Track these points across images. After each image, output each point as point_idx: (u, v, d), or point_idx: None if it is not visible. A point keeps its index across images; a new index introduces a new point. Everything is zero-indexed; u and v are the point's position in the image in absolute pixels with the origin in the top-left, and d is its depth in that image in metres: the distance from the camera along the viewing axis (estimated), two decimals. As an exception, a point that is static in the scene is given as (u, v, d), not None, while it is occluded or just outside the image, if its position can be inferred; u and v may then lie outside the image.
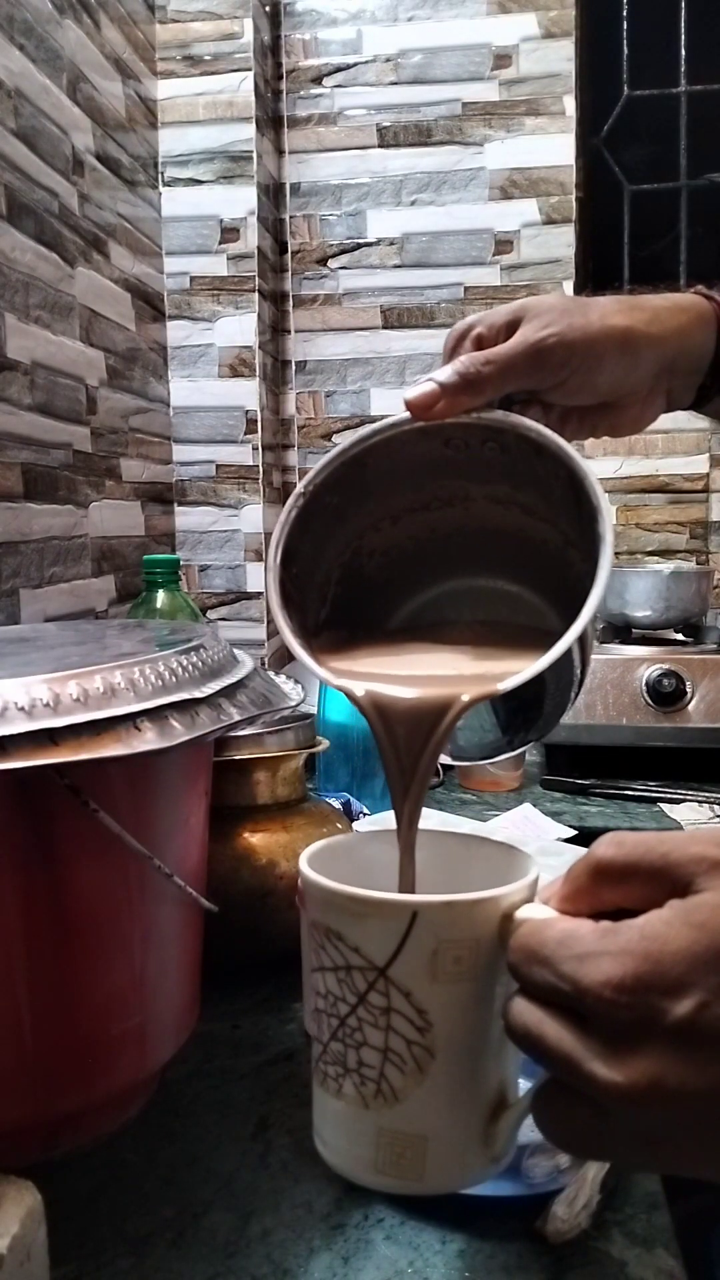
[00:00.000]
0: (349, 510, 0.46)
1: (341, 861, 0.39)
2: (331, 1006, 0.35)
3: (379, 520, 0.48)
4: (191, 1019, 0.58)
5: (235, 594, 1.69)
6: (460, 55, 1.73)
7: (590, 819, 1.12)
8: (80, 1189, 0.51)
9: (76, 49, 1.32)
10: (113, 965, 0.50)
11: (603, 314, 0.47)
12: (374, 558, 0.49)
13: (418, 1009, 0.34)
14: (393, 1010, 0.34)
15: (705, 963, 0.28)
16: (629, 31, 1.79)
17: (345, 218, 1.78)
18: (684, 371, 0.50)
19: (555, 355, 0.45)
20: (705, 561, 1.73)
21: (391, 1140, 0.34)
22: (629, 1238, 0.47)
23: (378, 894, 0.34)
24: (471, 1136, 0.35)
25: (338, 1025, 0.35)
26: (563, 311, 0.46)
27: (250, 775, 0.76)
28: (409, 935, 0.33)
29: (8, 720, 0.42)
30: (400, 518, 0.48)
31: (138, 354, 1.54)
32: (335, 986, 0.35)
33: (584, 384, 0.47)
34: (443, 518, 0.48)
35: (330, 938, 0.35)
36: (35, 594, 1.19)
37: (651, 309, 0.49)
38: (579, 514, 0.41)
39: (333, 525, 0.45)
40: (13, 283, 1.14)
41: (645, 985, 0.29)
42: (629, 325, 0.47)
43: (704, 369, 0.51)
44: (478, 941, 0.34)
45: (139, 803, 0.50)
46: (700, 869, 0.30)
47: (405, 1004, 0.34)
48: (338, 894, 0.35)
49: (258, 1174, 0.52)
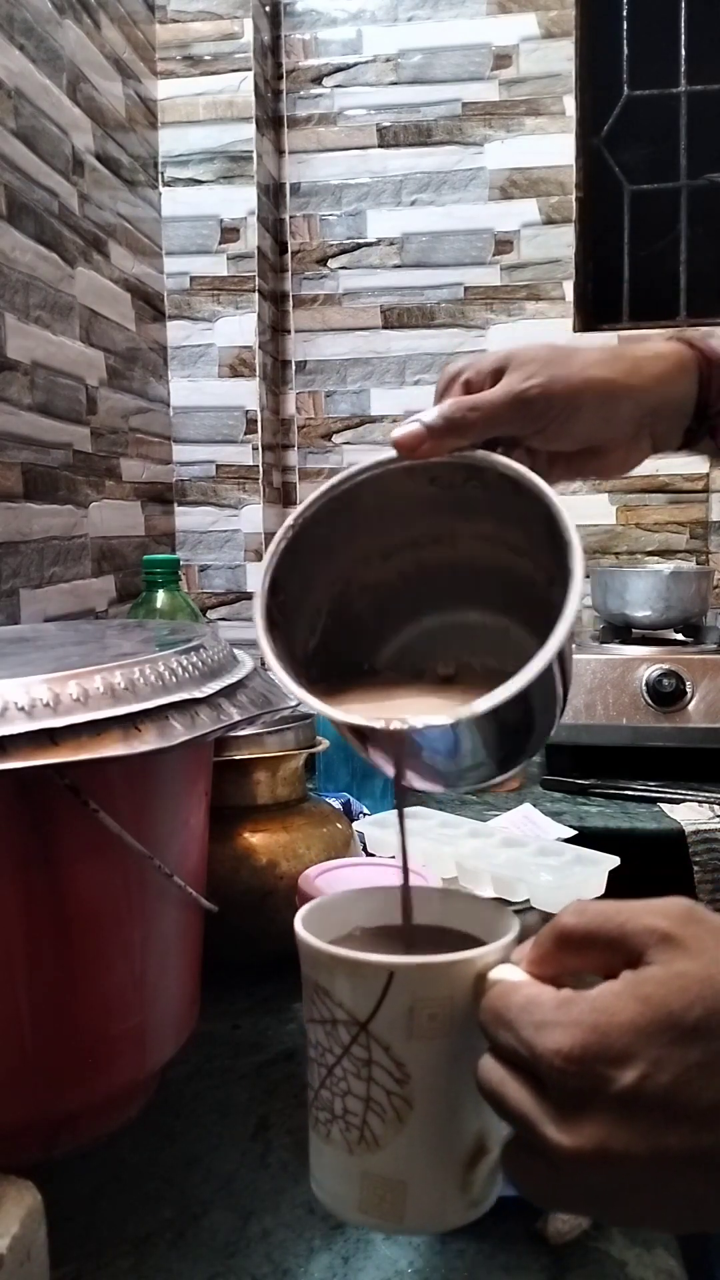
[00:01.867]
0: (337, 544, 0.48)
1: (339, 915, 0.43)
2: (321, 1056, 0.38)
3: (369, 555, 0.49)
4: (191, 1019, 0.58)
5: (235, 594, 1.69)
6: (460, 55, 1.73)
7: (590, 819, 1.12)
8: (80, 1189, 0.51)
9: (76, 49, 1.32)
10: (113, 965, 0.50)
11: (584, 365, 0.50)
12: (364, 593, 0.50)
13: (396, 1062, 0.36)
14: (373, 1062, 0.36)
15: (649, 1035, 0.30)
16: (629, 31, 1.79)
17: (345, 218, 1.78)
18: (667, 417, 0.53)
19: (536, 405, 0.48)
20: (705, 561, 1.73)
21: (374, 1184, 0.37)
22: (629, 1238, 0.47)
23: (357, 954, 0.36)
24: (449, 1183, 0.37)
25: (326, 1074, 0.38)
26: (546, 363, 0.49)
27: (250, 775, 0.76)
28: (386, 993, 0.36)
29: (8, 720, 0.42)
30: (391, 554, 0.50)
31: (138, 354, 1.54)
32: (323, 1038, 0.38)
33: (563, 431, 0.49)
34: (431, 555, 0.50)
35: (318, 992, 0.38)
36: (35, 594, 1.19)
37: (632, 359, 0.51)
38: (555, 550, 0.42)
39: (321, 558, 0.47)
40: (13, 283, 1.14)
41: (593, 1055, 0.30)
42: (609, 377, 0.50)
43: (689, 413, 0.53)
44: (452, 1000, 0.36)
45: (139, 803, 0.50)
46: (651, 940, 0.32)
47: (385, 1057, 0.36)
48: (322, 953, 0.37)
49: (258, 1174, 0.52)
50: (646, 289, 1.83)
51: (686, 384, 0.52)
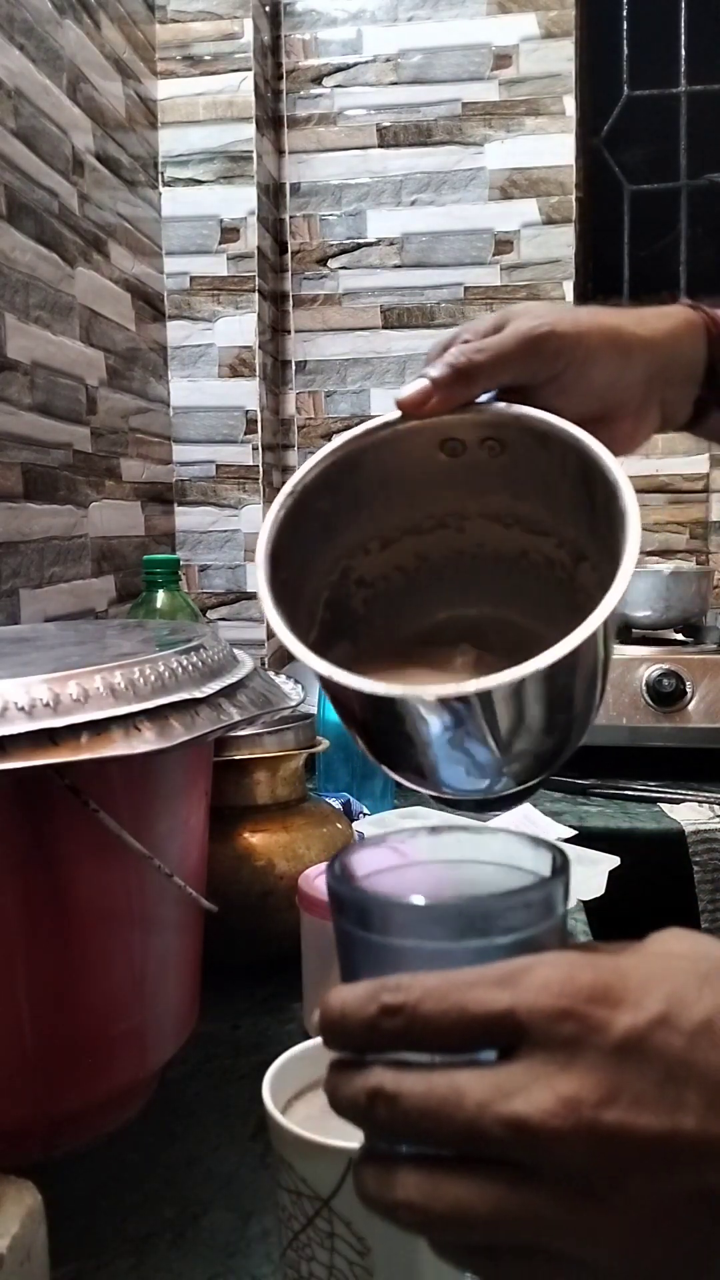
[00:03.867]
0: (338, 521, 0.43)
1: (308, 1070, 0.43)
2: (289, 1220, 0.39)
3: (368, 540, 0.45)
4: (191, 1019, 0.58)
5: (235, 594, 1.69)
6: (460, 55, 1.73)
7: (590, 819, 1.12)
8: (80, 1189, 0.51)
9: (76, 49, 1.32)
10: (113, 965, 0.50)
11: (591, 313, 0.46)
12: (361, 589, 0.46)
13: (357, 1236, 0.37)
14: (335, 1235, 0.38)
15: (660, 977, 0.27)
16: (629, 31, 1.79)
17: (345, 218, 1.78)
18: (677, 381, 0.49)
19: (549, 344, 0.43)
20: (705, 561, 1.73)
21: None
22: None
23: (319, 1139, 0.37)
24: None
25: (293, 1237, 0.39)
26: (549, 309, 0.45)
27: (250, 775, 0.76)
28: (347, 1176, 0.36)
29: (8, 720, 0.42)
30: (391, 541, 0.45)
31: (138, 354, 1.54)
32: (290, 1204, 0.39)
33: (579, 380, 0.44)
34: (436, 541, 0.45)
35: (284, 1164, 0.39)
36: (35, 594, 1.18)
37: (637, 314, 0.48)
38: (592, 507, 0.39)
39: (321, 535, 0.43)
40: (13, 283, 1.14)
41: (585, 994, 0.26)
42: (617, 324, 0.46)
43: (698, 379, 0.49)
44: None
45: (139, 803, 0.50)
46: None
47: (347, 1231, 0.37)
48: (286, 1131, 0.38)
49: (258, 1174, 0.52)
50: (646, 289, 1.82)
51: (694, 343, 0.48)
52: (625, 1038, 0.25)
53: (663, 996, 0.25)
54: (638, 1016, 0.25)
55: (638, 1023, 0.25)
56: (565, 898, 0.31)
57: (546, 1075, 0.25)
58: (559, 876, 0.31)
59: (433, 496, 0.44)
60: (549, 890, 0.30)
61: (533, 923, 0.30)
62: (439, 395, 0.41)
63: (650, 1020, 0.25)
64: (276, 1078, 0.42)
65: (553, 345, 0.43)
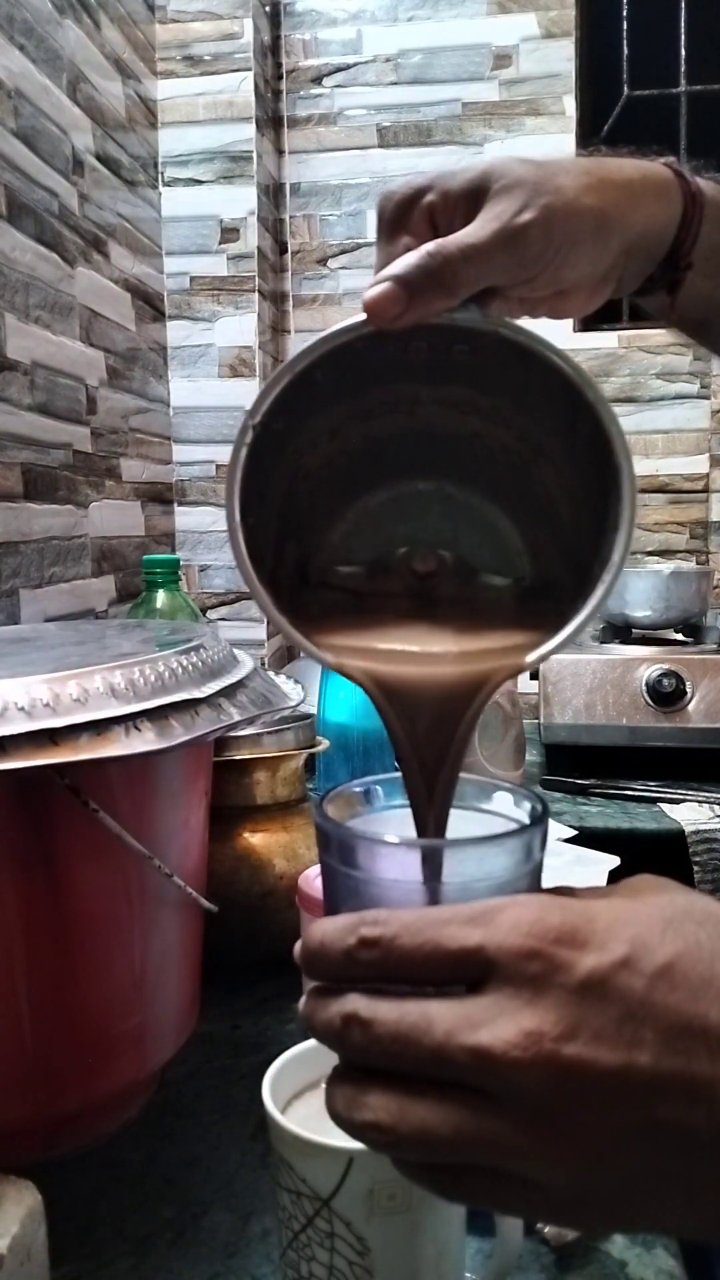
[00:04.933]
0: (291, 434, 0.39)
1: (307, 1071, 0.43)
2: (288, 1220, 0.40)
3: (317, 437, 0.41)
4: (191, 1019, 0.58)
5: (235, 594, 1.69)
6: (460, 55, 1.73)
7: (590, 819, 1.12)
8: (80, 1189, 0.51)
9: (76, 49, 1.32)
10: (113, 965, 0.50)
11: (576, 192, 0.40)
12: (306, 480, 0.41)
13: (357, 1236, 0.37)
14: (335, 1235, 0.38)
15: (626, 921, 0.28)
16: (629, 31, 1.79)
17: (345, 218, 1.78)
18: (640, 255, 0.44)
19: (533, 246, 0.38)
20: (705, 561, 1.73)
21: None
22: (629, 1238, 0.47)
23: (318, 1138, 0.37)
24: None
25: (293, 1237, 0.39)
26: (535, 188, 0.39)
27: (250, 775, 0.76)
28: (346, 1176, 0.37)
29: (8, 720, 0.42)
30: (339, 430, 0.41)
31: (138, 354, 1.54)
32: (290, 1204, 0.39)
33: (553, 278, 0.40)
34: (382, 426, 0.41)
35: (284, 1164, 0.39)
36: (35, 594, 1.18)
37: (625, 185, 0.42)
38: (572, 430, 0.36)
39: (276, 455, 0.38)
40: (13, 283, 1.14)
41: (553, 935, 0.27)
42: (601, 207, 0.40)
43: (659, 257, 0.45)
44: None
45: (139, 803, 0.50)
46: None
47: (346, 1231, 0.38)
48: (286, 1131, 0.38)
49: (258, 1174, 0.52)
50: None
51: (667, 221, 0.44)
52: (588, 978, 0.26)
53: (626, 940, 0.27)
54: (601, 958, 0.26)
55: (601, 964, 0.26)
56: (543, 845, 0.33)
57: (512, 1009, 0.26)
58: (537, 825, 0.33)
59: (384, 388, 0.41)
60: (527, 837, 0.32)
61: (510, 868, 0.31)
62: (411, 309, 0.36)
63: (613, 962, 0.26)
64: (276, 1078, 0.42)
65: (537, 247, 0.39)
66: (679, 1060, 0.25)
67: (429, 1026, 0.27)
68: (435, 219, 0.40)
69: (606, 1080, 0.25)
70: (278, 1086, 0.41)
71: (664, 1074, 0.25)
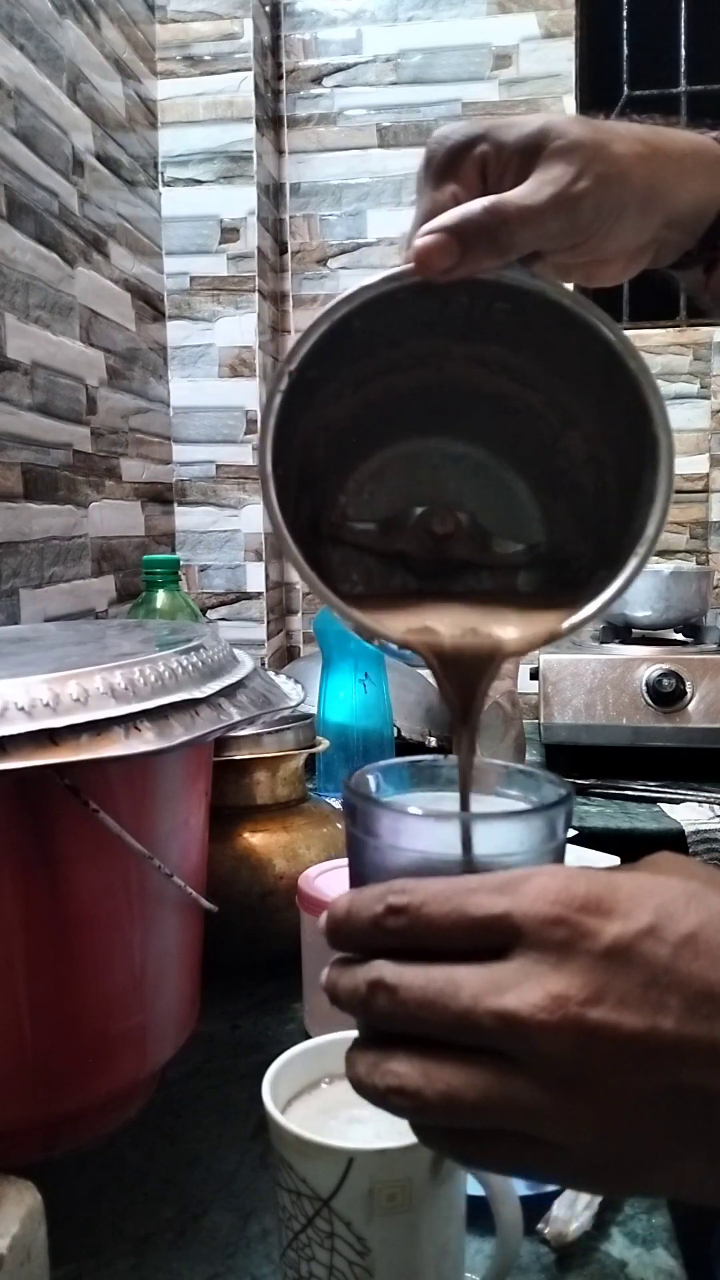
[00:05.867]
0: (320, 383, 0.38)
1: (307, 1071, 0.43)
2: (288, 1220, 0.39)
3: (343, 387, 0.40)
4: (191, 1019, 0.58)
5: (235, 594, 1.69)
6: (460, 55, 1.73)
7: (590, 819, 1.12)
8: (80, 1189, 0.51)
9: (76, 49, 1.32)
10: (113, 965, 0.50)
11: (629, 161, 0.39)
12: (325, 433, 0.40)
13: (357, 1236, 0.37)
14: (335, 1235, 0.38)
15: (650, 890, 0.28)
16: (629, 31, 1.79)
17: (345, 218, 1.78)
18: (679, 230, 0.43)
19: (585, 215, 0.38)
20: (705, 561, 1.73)
21: None
22: (629, 1238, 0.47)
23: (318, 1139, 0.37)
24: None
25: (293, 1237, 0.39)
26: (592, 155, 0.38)
27: (250, 775, 0.76)
28: (347, 1176, 0.37)
29: (8, 720, 0.42)
30: (365, 381, 0.40)
31: (138, 354, 1.54)
32: (290, 1204, 0.39)
33: (595, 247, 0.40)
34: (408, 378, 0.40)
35: (284, 1164, 0.39)
36: (35, 594, 1.18)
37: (678, 159, 0.41)
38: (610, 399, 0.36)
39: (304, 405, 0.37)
40: (13, 283, 1.14)
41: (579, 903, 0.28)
42: (651, 181, 0.40)
43: (699, 234, 0.44)
44: (410, 1181, 0.37)
45: (139, 803, 0.50)
46: None
47: (346, 1231, 0.37)
48: (286, 1131, 0.38)
49: (258, 1174, 0.52)
50: (647, 289, 1.82)
51: (711, 198, 0.43)
52: (614, 944, 0.26)
53: (651, 909, 0.27)
54: (627, 926, 0.27)
55: (626, 931, 0.27)
56: (566, 826, 0.34)
57: (538, 974, 0.27)
58: (562, 804, 0.34)
59: (419, 340, 0.40)
60: (552, 814, 0.33)
61: (535, 845, 0.32)
62: (465, 261, 0.35)
63: (639, 930, 0.27)
64: (276, 1078, 0.42)
65: (588, 217, 0.38)
66: (703, 1026, 0.26)
67: (455, 991, 0.27)
68: (486, 170, 0.39)
69: (631, 1044, 0.26)
70: (278, 1086, 0.41)
71: (688, 1039, 0.26)
